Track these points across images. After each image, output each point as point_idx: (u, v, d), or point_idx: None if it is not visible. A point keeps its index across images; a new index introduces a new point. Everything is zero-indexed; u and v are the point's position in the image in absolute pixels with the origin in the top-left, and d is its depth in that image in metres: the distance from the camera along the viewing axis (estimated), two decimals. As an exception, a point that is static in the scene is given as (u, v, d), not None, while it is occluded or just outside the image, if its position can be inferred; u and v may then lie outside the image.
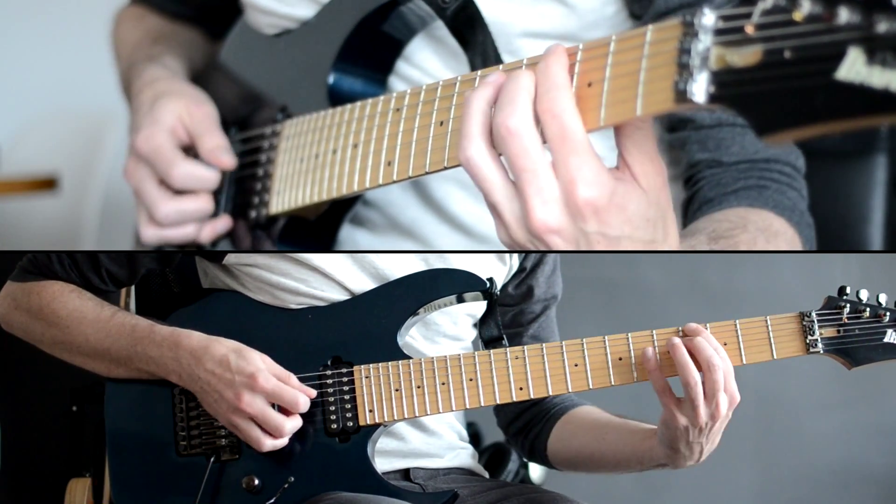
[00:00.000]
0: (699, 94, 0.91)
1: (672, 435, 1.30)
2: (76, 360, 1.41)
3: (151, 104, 1.47)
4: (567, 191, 0.99)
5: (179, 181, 1.44)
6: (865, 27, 0.81)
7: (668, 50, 0.94)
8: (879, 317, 1.33)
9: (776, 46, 0.86)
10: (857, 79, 0.82)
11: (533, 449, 1.55)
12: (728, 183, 1.38)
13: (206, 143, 1.45)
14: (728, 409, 1.28)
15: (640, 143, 1.02)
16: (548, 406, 1.54)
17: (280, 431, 1.30)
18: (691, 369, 1.27)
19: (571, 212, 1.00)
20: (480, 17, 1.33)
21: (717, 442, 1.32)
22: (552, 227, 1.00)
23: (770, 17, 0.86)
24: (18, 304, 1.43)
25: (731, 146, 1.39)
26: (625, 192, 1.01)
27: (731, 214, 1.35)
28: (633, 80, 0.97)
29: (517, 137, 1.00)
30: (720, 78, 0.90)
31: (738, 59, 0.89)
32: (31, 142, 3.36)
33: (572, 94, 1.00)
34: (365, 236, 1.50)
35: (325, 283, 1.39)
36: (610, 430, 1.45)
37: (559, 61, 1.01)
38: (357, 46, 1.40)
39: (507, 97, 1.02)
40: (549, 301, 1.55)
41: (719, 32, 0.90)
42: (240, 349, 1.31)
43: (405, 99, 1.21)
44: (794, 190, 1.40)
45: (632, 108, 0.97)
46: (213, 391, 1.31)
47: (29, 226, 3.28)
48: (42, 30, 3.51)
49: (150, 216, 1.46)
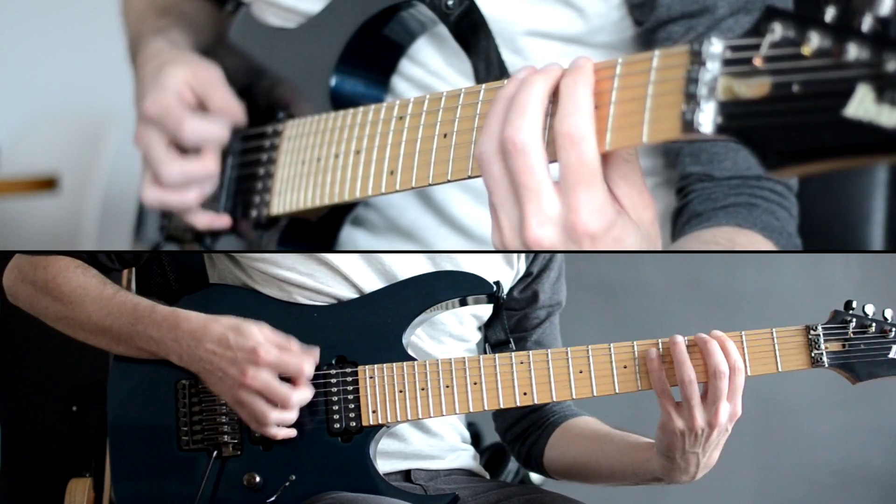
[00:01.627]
0: (706, 124, 0.90)
1: (668, 441, 1.30)
2: (79, 336, 1.41)
3: (157, 72, 1.47)
4: (569, 218, 0.99)
5: (190, 136, 1.43)
6: (875, 65, 0.80)
7: (676, 78, 0.93)
8: (885, 332, 1.33)
9: (784, 80, 0.85)
10: (866, 117, 0.81)
11: (529, 456, 1.54)
12: (718, 198, 1.38)
13: (214, 97, 1.44)
14: (728, 420, 1.27)
15: (627, 175, 1.01)
16: (547, 414, 1.54)
17: (287, 402, 1.30)
18: (687, 367, 1.27)
19: (570, 236, 0.99)
20: (484, 23, 1.33)
21: (714, 458, 1.32)
22: (545, 245, 1.00)
23: (778, 50, 0.86)
24: (25, 277, 1.44)
25: (724, 161, 1.39)
26: (624, 225, 1.01)
27: (719, 236, 1.35)
28: (640, 105, 0.96)
29: (524, 154, 0.99)
30: (727, 109, 0.89)
31: (745, 90, 0.88)
32: (31, 142, 3.36)
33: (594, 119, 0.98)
34: (365, 237, 1.50)
35: (331, 277, 1.39)
36: (608, 442, 1.44)
37: (587, 81, 0.99)
38: (359, 50, 1.40)
39: (518, 108, 1.00)
40: (553, 307, 1.55)
41: (727, 63, 0.89)
42: (237, 325, 1.31)
43: (409, 107, 1.21)
44: (783, 209, 1.40)
45: (638, 133, 0.96)
46: (217, 370, 1.31)
47: (29, 226, 3.28)
48: (42, 30, 3.51)
49: (156, 177, 1.46)
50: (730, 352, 1.28)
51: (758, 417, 2.73)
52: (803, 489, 2.82)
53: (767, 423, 2.76)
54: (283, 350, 1.31)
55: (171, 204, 1.47)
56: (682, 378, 1.27)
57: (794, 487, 2.82)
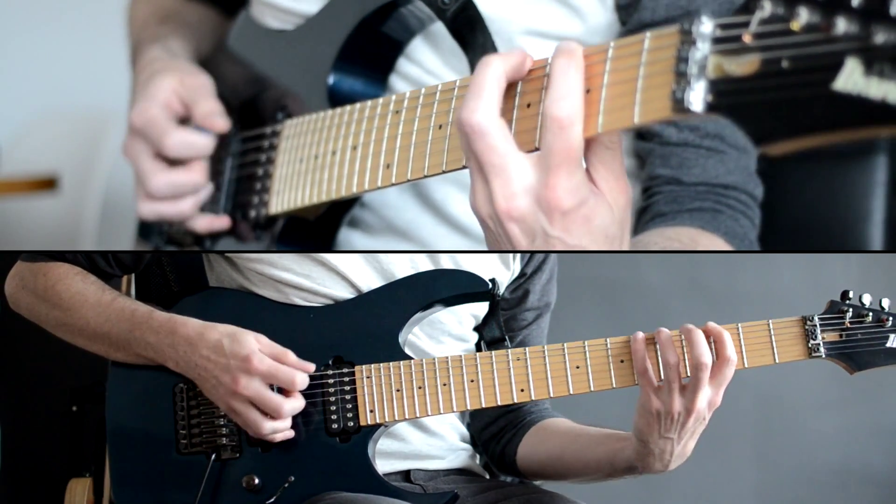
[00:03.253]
0: (696, 102, 0.91)
1: (645, 423, 1.29)
2: (78, 342, 1.41)
3: (146, 81, 1.48)
4: (545, 193, 1.00)
5: (173, 149, 1.44)
6: (863, 38, 0.81)
7: (666, 58, 0.94)
8: (882, 321, 1.33)
9: (774, 56, 0.86)
10: (855, 89, 0.82)
11: (503, 456, 1.54)
12: (684, 202, 1.39)
13: (199, 108, 1.45)
14: (707, 408, 1.27)
15: (607, 161, 1.03)
16: (523, 414, 1.54)
17: (278, 412, 1.30)
18: (671, 350, 1.27)
19: (542, 208, 1.00)
20: (480, 19, 1.33)
21: (689, 449, 1.31)
22: (513, 215, 1.01)
23: (768, 27, 0.86)
24: (26, 284, 1.44)
25: (693, 167, 1.40)
26: (595, 205, 1.02)
27: (682, 235, 1.35)
28: (631, 87, 0.97)
29: (481, 136, 1.00)
30: (718, 87, 0.90)
31: (735, 68, 0.88)
32: (31, 142, 3.36)
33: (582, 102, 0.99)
34: (362, 238, 1.50)
35: (329, 278, 1.39)
36: (582, 435, 1.45)
37: (578, 66, 0.99)
38: (357, 47, 1.40)
39: (474, 87, 1.01)
40: (542, 309, 1.55)
41: (717, 41, 0.90)
42: (233, 333, 1.31)
43: (404, 101, 1.21)
44: (747, 219, 1.40)
45: (629, 115, 0.97)
46: (211, 377, 1.31)
47: (29, 226, 3.28)
48: (42, 30, 3.51)
49: (144, 190, 1.47)
50: (725, 344, 1.27)
51: (758, 417, 2.72)
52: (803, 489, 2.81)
53: (767, 422, 2.76)
54: (278, 360, 1.31)
55: (168, 215, 1.48)
56: (665, 360, 1.27)
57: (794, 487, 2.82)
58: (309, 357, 1.35)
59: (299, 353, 1.35)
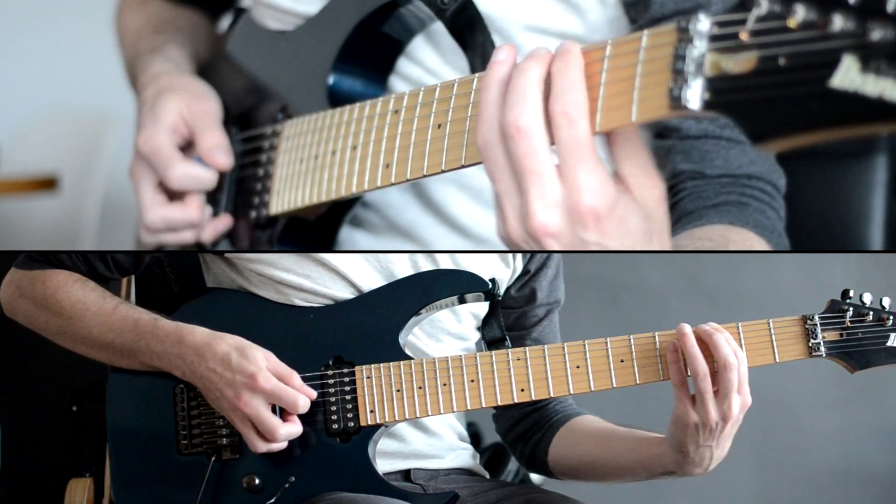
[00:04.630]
0: (694, 100, 0.91)
1: (682, 434, 1.29)
2: (79, 350, 1.41)
3: (154, 101, 1.47)
4: (572, 198, 0.98)
5: (177, 182, 1.44)
6: (860, 35, 0.81)
7: (664, 56, 0.94)
8: (883, 321, 1.33)
9: (771, 53, 0.86)
10: (852, 87, 0.82)
11: (533, 456, 1.54)
12: (709, 196, 1.38)
13: (204, 141, 1.45)
14: (740, 411, 1.27)
15: (632, 154, 1.01)
16: (549, 413, 1.54)
17: (272, 435, 1.30)
18: (700, 360, 1.27)
19: (573, 219, 0.99)
20: (480, 18, 1.33)
21: (726, 449, 1.31)
22: (550, 230, 0.99)
23: (765, 24, 0.86)
24: (23, 293, 1.43)
25: (715, 159, 1.39)
26: (627, 204, 1.00)
27: (712, 232, 1.35)
28: (629, 85, 0.97)
29: (526, 138, 0.99)
30: (715, 84, 0.90)
31: (732, 66, 0.88)
32: (31, 142, 3.36)
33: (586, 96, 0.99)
34: (364, 238, 1.50)
35: (329, 278, 1.39)
36: (615, 438, 1.44)
37: (577, 62, 0.99)
38: (357, 47, 1.40)
39: (516, 93, 1.00)
40: (551, 305, 1.55)
41: (714, 39, 0.90)
42: (242, 347, 1.31)
43: (404, 101, 1.21)
44: (772, 210, 1.40)
45: (627, 114, 0.97)
46: (215, 389, 1.31)
47: (29, 226, 3.28)
48: (42, 30, 3.51)
49: (142, 222, 1.47)
50: (730, 342, 1.27)
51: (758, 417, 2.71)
52: (803, 489, 2.82)
53: (767, 422, 2.76)
54: (283, 381, 1.31)
55: (168, 244, 1.48)
56: (695, 371, 1.27)
57: (794, 487, 2.82)
58: (309, 357, 1.35)
59: (300, 353, 1.35)
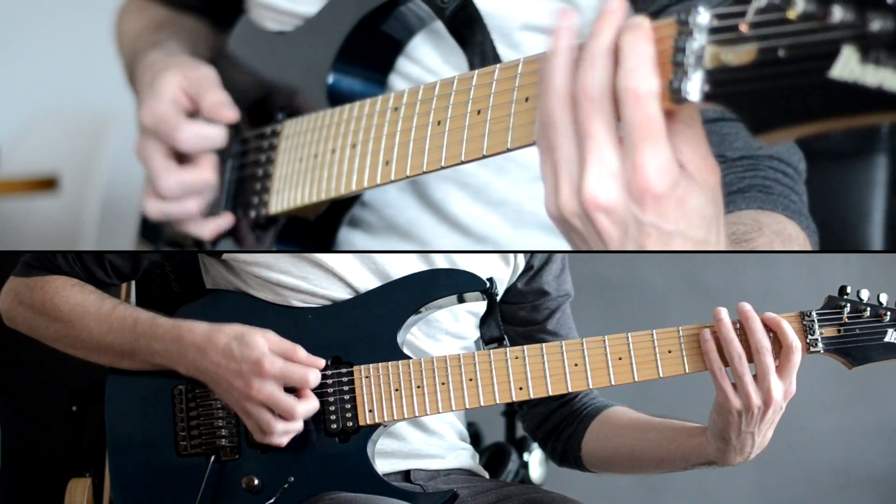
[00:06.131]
0: (694, 92, 0.91)
1: (724, 421, 1.29)
2: (80, 354, 1.41)
3: (151, 82, 1.47)
4: (634, 176, 0.95)
5: (186, 143, 1.43)
6: (859, 26, 0.81)
7: (664, 49, 0.94)
8: (880, 316, 1.33)
9: (770, 45, 0.86)
10: (851, 77, 0.82)
11: (566, 451, 1.53)
12: (733, 182, 1.37)
13: (206, 100, 1.44)
14: (784, 398, 1.27)
15: (691, 140, 0.98)
16: (579, 407, 1.53)
17: (292, 414, 1.30)
18: (736, 344, 1.27)
19: (633, 196, 0.96)
20: (479, 17, 1.33)
21: (768, 437, 1.31)
22: (601, 203, 0.96)
23: (764, 16, 0.87)
24: (22, 300, 1.43)
25: (735, 141, 1.38)
26: (687, 185, 0.97)
27: (743, 217, 1.34)
28: None
29: (594, 102, 0.96)
30: (715, 77, 0.90)
31: (732, 58, 0.89)
32: (31, 142, 3.36)
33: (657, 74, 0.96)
34: (362, 238, 1.50)
35: (326, 279, 1.39)
36: (651, 429, 1.44)
37: (648, 37, 0.96)
38: (356, 46, 1.40)
39: (589, 59, 0.97)
40: (561, 299, 1.55)
41: (714, 31, 0.90)
42: (241, 335, 1.31)
43: (403, 98, 1.21)
44: (796, 194, 1.39)
45: None
46: (223, 381, 1.31)
47: (29, 226, 3.28)
48: (42, 30, 3.52)
49: (154, 190, 1.46)
50: (785, 332, 1.28)
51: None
52: (803, 489, 2.82)
53: (768, 422, 2.76)
54: (289, 359, 1.31)
55: (174, 214, 1.47)
56: (731, 355, 1.27)
57: (794, 487, 2.82)
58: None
59: (298, 354, 1.35)
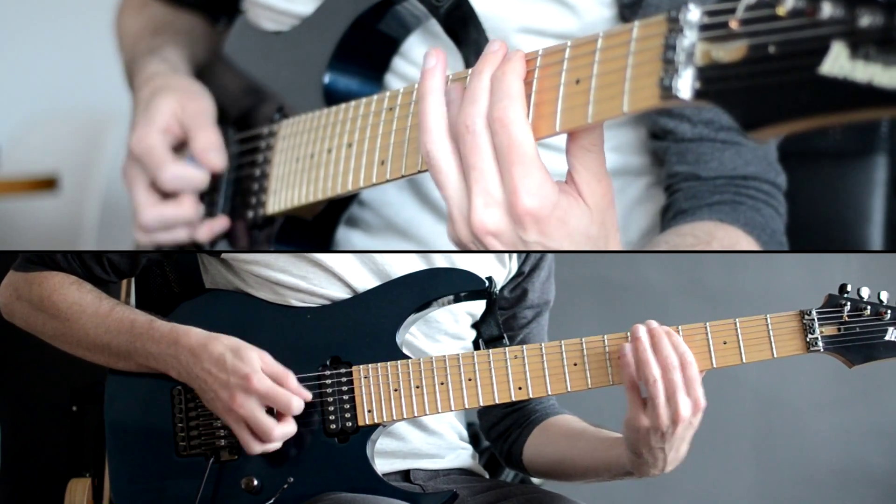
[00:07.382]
0: (684, 90, 0.92)
1: (634, 437, 1.28)
2: (76, 352, 1.41)
3: (147, 102, 1.47)
4: (510, 199, 1.02)
5: (168, 183, 1.45)
6: (848, 21, 0.81)
7: (654, 46, 0.94)
8: (880, 315, 1.32)
9: (760, 41, 0.87)
10: (841, 73, 0.82)
11: (510, 454, 1.54)
12: (703, 196, 1.39)
13: (197, 141, 1.45)
14: (692, 414, 1.25)
15: (588, 164, 1.05)
16: (528, 412, 1.54)
17: (267, 436, 1.30)
18: (651, 367, 1.25)
19: (514, 218, 1.03)
20: (474, 16, 1.33)
21: (683, 451, 1.30)
22: (490, 229, 1.04)
23: (754, 13, 0.87)
24: (20, 295, 1.43)
25: (710, 161, 1.40)
26: (567, 206, 1.04)
27: (697, 229, 1.35)
28: (620, 76, 0.98)
29: (475, 136, 1.03)
30: (705, 74, 0.91)
31: (723, 55, 0.89)
32: (31, 142, 3.36)
33: (524, 104, 1.02)
34: (361, 237, 1.50)
35: (325, 279, 1.39)
36: (582, 439, 1.44)
37: (515, 70, 1.03)
38: (352, 46, 1.40)
39: (470, 95, 1.04)
40: (541, 307, 1.55)
41: (704, 28, 0.91)
42: (237, 348, 1.31)
43: (398, 98, 1.22)
44: (770, 207, 1.40)
45: (618, 105, 0.98)
46: (210, 390, 1.31)
47: (29, 226, 3.28)
48: (42, 30, 3.52)
49: (136, 222, 1.47)
50: (677, 344, 1.26)
51: (758, 417, 2.72)
52: (803, 489, 2.81)
53: (767, 422, 2.76)
54: (278, 382, 1.31)
55: (164, 243, 1.48)
56: (645, 377, 1.25)
57: (794, 487, 2.82)
58: (306, 357, 1.35)
59: (297, 353, 1.35)
